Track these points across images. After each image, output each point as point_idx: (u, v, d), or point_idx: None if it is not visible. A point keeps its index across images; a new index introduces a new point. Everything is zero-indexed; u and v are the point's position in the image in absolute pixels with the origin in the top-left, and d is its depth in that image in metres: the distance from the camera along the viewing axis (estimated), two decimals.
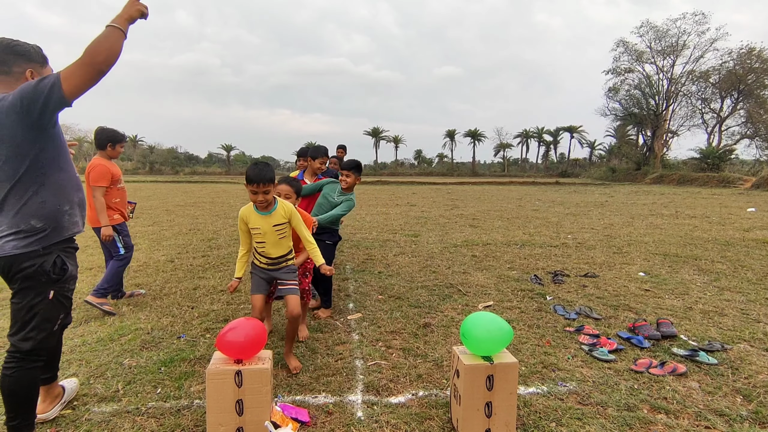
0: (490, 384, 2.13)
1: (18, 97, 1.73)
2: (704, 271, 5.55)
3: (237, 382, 2.08)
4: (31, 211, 1.87)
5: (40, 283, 1.92)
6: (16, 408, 1.95)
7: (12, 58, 1.91)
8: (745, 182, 26.35)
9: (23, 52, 1.93)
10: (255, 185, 2.67)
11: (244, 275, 3.03)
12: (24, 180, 1.85)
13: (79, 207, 2.08)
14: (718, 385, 2.69)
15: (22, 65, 1.93)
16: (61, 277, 1.97)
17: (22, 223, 1.85)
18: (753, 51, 36.34)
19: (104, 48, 1.72)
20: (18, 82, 1.89)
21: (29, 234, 1.87)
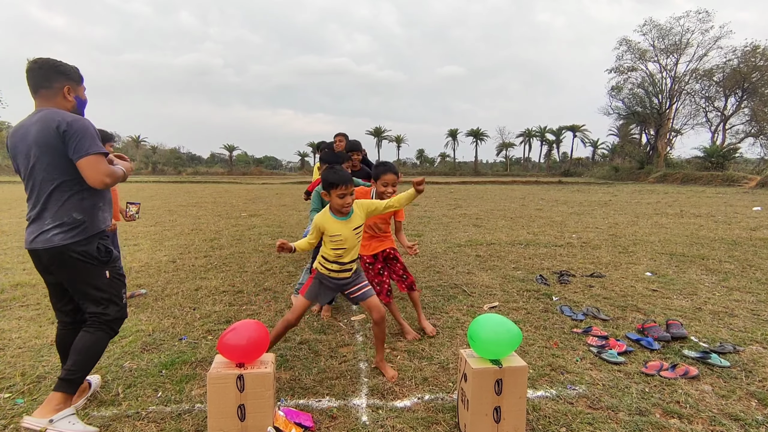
0: (498, 388, 2.07)
1: (70, 130, 2.08)
2: (712, 271, 5.47)
3: (239, 386, 2.03)
4: (72, 206, 2.16)
5: (94, 266, 2.22)
6: (84, 364, 2.21)
7: (55, 76, 2.19)
8: (749, 181, 26.19)
9: (64, 71, 2.22)
10: (343, 187, 2.55)
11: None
12: (67, 181, 2.15)
13: (108, 205, 2.38)
14: (731, 389, 2.62)
15: (62, 82, 2.21)
16: (110, 258, 2.28)
17: (65, 216, 2.14)
18: (757, 49, 36.12)
19: (118, 180, 2.23)
20: (57, 96, 2.20)
21: (73, 226, 2.15)
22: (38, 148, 2.09)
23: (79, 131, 2.07)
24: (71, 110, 2.23)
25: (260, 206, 14.02)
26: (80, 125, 2.09)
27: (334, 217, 2.65)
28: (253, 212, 12.19)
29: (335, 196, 2.58)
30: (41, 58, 2.19)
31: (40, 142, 2.08)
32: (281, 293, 4.54)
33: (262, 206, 14.02)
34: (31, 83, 2.17)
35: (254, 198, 17.58)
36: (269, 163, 77.20)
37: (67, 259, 2.14)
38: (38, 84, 2.16)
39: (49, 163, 2.10)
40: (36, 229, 2.15)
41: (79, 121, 2.11)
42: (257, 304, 4.19)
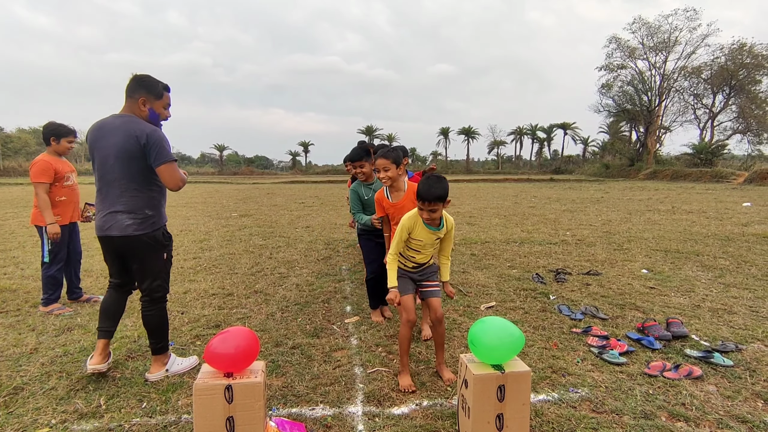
0: (501, 395, 1.98)
1: (151, 140, 2.50)
2: (707, 268, 5.44)
3: (227, 397, 1.91)
4: (143, 203, 2.59)
5: (157, 249, 2.68)
6: (162, 334, 2.77)
7: (137, 87, 2.60)
8: (738, 177, 26.47)
9: (145, 84, 2.61)
10: (426, 203, 2.50)
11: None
12: (139, 180, 2.57)
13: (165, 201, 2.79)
14: (737, 389, 2.56)
15: (142, 93, 2.60)
16: (170, 242, 2.79)
17: (138, 211, 2.57)
18: (744, 47, 36.53)
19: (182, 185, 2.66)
20: (135, 104, 2.60)
21: (144, 219, 2.59)
22: (118, 152, 2.50)
23: (158, 142, 2.50)
24: (144, 119, 2.61)
25: (251, 206, 13.84)
26: (157, 136, 2.51)
27: (424, 225, 2.63)
28: (243, 212, 12.01)
29: (419, 207, 2.55)
30: (139, 75, 2.65)
31: (120, 148, 2.49)
32: (272, 295, 4.42)
33: (253, 206, 13.83)
34: (126, 91, 2.63)
35: (245, 198, 17.37)
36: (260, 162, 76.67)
37: (137, 244, 2.59)
38: (127, 92, 2.61)
39: (127, 167, 2.52)
40: (110, 219, 2.56)
41: (157, 132, 2.53)
42: (248, 307, 4.06)
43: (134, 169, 2.52)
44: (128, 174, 2.52)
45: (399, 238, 2.66)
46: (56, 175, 3.85)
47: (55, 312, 3.85)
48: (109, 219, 2.56)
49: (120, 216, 2.54)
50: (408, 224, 2.65)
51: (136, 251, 2.62)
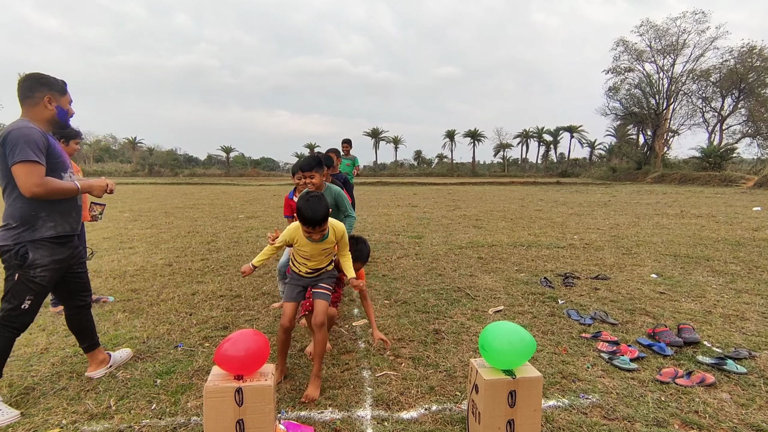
0: (512, 400, 1.96)
1: (7, 139, 2.24)
2: (718, 273, 5.38)
3: (237, 400, 1.91)
4: (10, 211, 2.36)
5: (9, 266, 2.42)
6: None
7: (37, 86, 2.38)
8: (747, 181, 26.19)
9: (46, 82, 2.41)
10: (309, 227, 2.48)
11: (261, 268, 2.82)
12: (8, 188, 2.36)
13: (60, 214, 2.46)
14: (750, 397, 2.52)
15: (44, 91, 2.39)
16: (23, 263, 2.37)
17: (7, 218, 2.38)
18: (754, 49, 36.22)
19: (58, 194, 2.37)
20: (36, 105, 2.39)
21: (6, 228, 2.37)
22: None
23: (13, 141, 2.21)
24: (50, 118, 2.43)
25: (258, 208, 13.88)
26: (16, 135, 2.22)
27: (307, 238, 2.61)
28: (250, 214, 12.05)
29: (303, 230, 2.54)
30: (29, 73, 2.43)
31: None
32: (280, 297, 4.42)
33: (260, 208, 13.88)
34: (19, 95, 2.39)
35: (251, 199, 17.44)
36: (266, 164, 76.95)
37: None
38: (23, 94, 2.38)
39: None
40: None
41: (16, 131, 2.23)
42: (255, 309, 4.07)
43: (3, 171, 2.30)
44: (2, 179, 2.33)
45: (281, 241, 2.73)
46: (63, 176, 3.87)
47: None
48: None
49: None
50: (288, 236, 2.67)
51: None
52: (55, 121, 2.46)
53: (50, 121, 2.43)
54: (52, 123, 2.46)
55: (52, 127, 2.49)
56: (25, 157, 2.20)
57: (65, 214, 2.47)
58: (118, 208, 13.09)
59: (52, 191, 2.30)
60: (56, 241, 2.43)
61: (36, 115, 2.38)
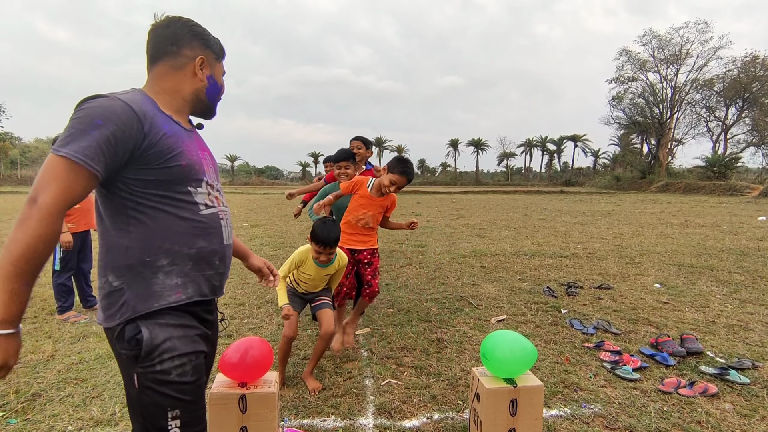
0: (513, 409, 1.97)
1: None
2: (722, 283, 5.36)
3: (241, 407, 1.93)
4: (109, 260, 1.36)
5: (127, 365, 1.32)
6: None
7: (188, 37, 1.38)
8: (752, 190, 26.10)
9: (201, 33, 1.42)
10: (321, 247, 2.61)
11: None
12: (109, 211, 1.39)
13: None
14: (753, 407, 2.51)
15: (197, 48, 1.39)
16: (152, 355, 1.28)
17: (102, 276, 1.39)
18: (757, 59, 36.31)
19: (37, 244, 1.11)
20: (182, 70, 1.36)
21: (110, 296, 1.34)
22: None
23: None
24: (196, 94, 1.40)
25: (262, 216, 13.95)
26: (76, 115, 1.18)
27: (314, 262, 2.74)
28: (254, 222, 12.12)
29: (314, 250, 2.65)
30: (173, 16, 1.41)
31: None
32: None
33: (264, 216, 13.95)
34: (149, 49, 1.37)
35: (255, 208, 17.53)
36: (271, 173, 77.42)
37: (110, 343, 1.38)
38: (159, 48, 1.35)
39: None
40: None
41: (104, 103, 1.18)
42: (259, 318, 4.09)
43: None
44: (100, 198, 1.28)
45: (287, 268, 2.77)
46: None
47: (71, 319, 3.92)
48: None
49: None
50: (298, 259, 2.76)
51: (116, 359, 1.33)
52: (201, 101, 1.42)
53: (194, 98, 1.40)
54: (195, 103, 1.42)
55: (192, 109, 1.44)
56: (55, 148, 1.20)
57: (202, 261, 1.36)
58: None
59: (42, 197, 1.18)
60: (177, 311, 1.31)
61: (173, 84, 1.36)
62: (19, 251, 1.05)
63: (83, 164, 1.11)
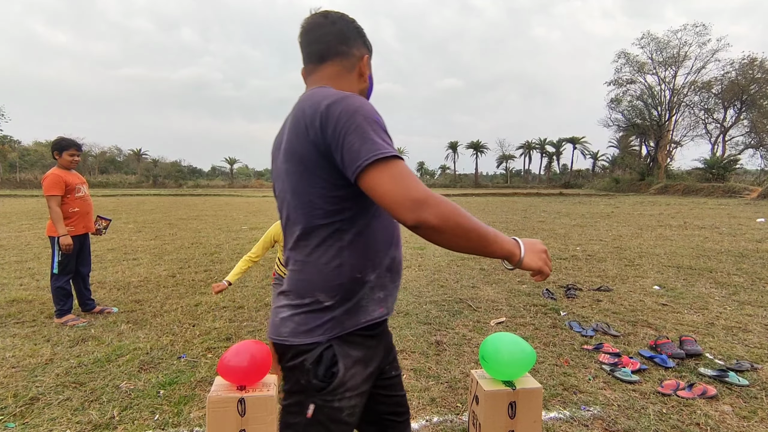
0: (512, 411, 1.97)
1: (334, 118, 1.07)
2: (721, 284, 5.37)
3: (240, 410, 1.93)
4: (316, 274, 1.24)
5: (304, 390, 1.21)
6: None
7: (355, 36, 1.27)
8: (751, 192, 26.14)
9: (364, 34, 1.31)
10: None
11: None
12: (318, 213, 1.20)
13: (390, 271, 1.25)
14: (752, 409, 2.52)
15: (361, 49, 1.28)
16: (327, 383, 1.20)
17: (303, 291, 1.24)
18: (755, 61, 36.43)
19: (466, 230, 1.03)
20: (352, 71, 1.26)
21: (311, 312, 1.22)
22: (285, 159, 1.16)
23: (349, 117, 1.04)
24: (363, 93, 1.31)
25: (261, 219, 13.95)
26: (352, 107, 1.06)
27: None
28: (253, 225, 12.12)
29: None
30: (333, 11, 1.28)
31: (287, 147, 1.15)
32: None
33: (263, 219, 13.95)
34: (314, 48, 1.25)
35: (255, 211, 17.53)
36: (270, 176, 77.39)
37: (289, 360, 1.20)
38: (329, 47, 1.24)
39: (296, 185, 1.15)
40: (274, 310, 1.25)
41: (350, 101, 1.07)
42: (258, 320, 4.09)
43: (315, 192, 1.12)
44: (300, 202, 1.15)
45: (261, 243, 2.70)
46: (67, 187, 3.97)
47: (70, 323, 3.91)
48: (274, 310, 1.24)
49: (281, 304, 1.20)
50: (275, 231, 2.69)
51: (287, 375, 1.20)
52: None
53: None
54: None
55: None
56: (382, 151, 1.00)
57: (394, 272, 1.26)
58: (123, 219, 13.18)
59: (458, 223, 1.00)
60: (371, 332, 1.22)
61: (347, 86, 1.25)
62: (471, 224, 1.01)
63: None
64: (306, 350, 1.13)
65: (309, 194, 1.11)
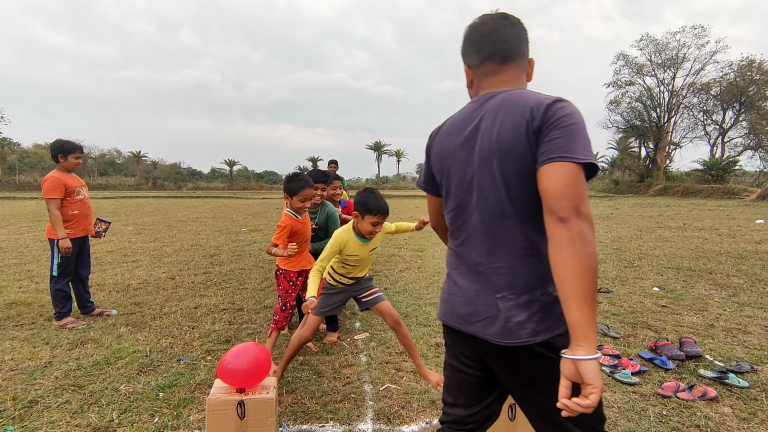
0: (512, 414, 1.97)
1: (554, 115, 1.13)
2: (721, 286, 5.37)
3: (239, 413, 1.93)
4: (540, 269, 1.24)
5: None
6: None
7: (526, 38, 1.31)
8: (750, 193, 26.17)
9: (527, 35, 1.33)
10: (380, 217, 2.53)
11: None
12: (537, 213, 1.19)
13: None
14: (752, 411, 2.51)
15: (528, 52, 1.32)
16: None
17: (535, 287, 1.23)
18: (753, 63, 36.45)
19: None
20: (525, 74, 1.33)
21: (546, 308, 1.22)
22: (495, 154, 1.18)
23: (576, 119, 1.12)
24: None
25: (261, 221, 13.95)
26: (577, 112, 1.13)
27: (357, 238, 2.65)
28: (253, 227, 12.12)
29: (368, 222, 2.54)
30: (508, 13, 1.30)
31: (499, 145, 1.17)
32: None
33: (263, 221, 13.94)
34: (498, 48, 1.28)
35: (254, 213, 17.52)
36: (269, 177, 77.42)
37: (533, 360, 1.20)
38: (512, 48, 1.28)
39: (520, 183, 1.17)
40: (485, 305, 1.23)
41: (573, 107, 1.14)
42: (258, 323, 4.09)
43: (533, 188, 1.14)
44: (521, 200, 1.18)
45: (329, 253, 2.62)
46: (67, 190, 3.96)
47: (69, 326, 3.91)
48: (485, 305, 1.23)
49: (501, 300, 1.20)
50: (341, 240, 2.63)
51: (533, 372, 1.22)
52: None
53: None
54: None
55: None
56: (580, 156, 1.07)
57: None
58: (122, 221, 13.18)
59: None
60: None
61: (522, 87, 1.31)
62: (593, 264, 1.01)
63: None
64: (543, 343, 1.16)
65: (530, 189, 1.14)
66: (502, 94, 1.23)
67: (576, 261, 1.01)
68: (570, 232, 1.01)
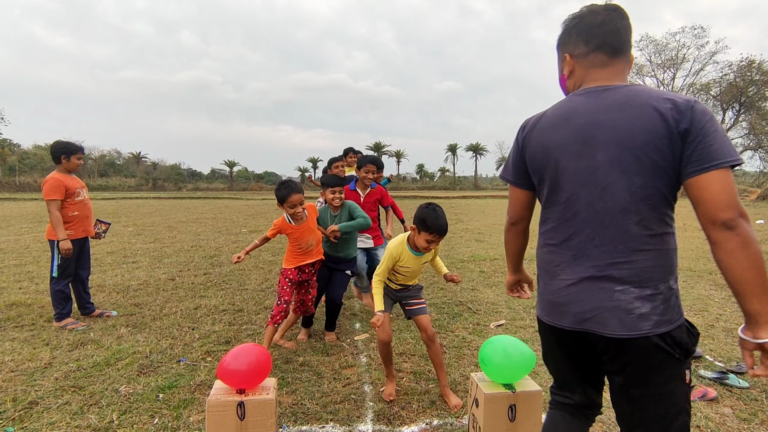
0: (512, 414, 1.97)
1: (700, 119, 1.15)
2: (721, 286, 5.37)
3: (239, 414, 1.93)
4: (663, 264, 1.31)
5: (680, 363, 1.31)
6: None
7: (631, 32, 1.34)
8: (750, 194, 26.18)
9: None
10: (437, 236, 2.50)
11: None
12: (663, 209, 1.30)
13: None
14: (753, 411, 2.51)
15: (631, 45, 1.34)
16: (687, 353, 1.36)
17: (657, 281, 1.28)
18: (753, 63, 36.48)
19: None
20: (627, 70, 1.34)
21: (668, 300, 1.28)
22: (635, 147, 1.18)
23: (711, 118, 1.15)
24: None
25: (260, 222, 13.95)
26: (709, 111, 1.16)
27: (410, 251, 2.65)
28: (253, 228, 12.12)
29: (423, 239, 2.50)
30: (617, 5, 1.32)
31: (631, 140, 1.18)
32: None
33: (263, 222, 13.95)
34: (611, 39, 1.29)
35: (254, 214, 17.53)
36: (269, 178, 77.47)
37: (652, 352, 1.23)
38: (624, 41, 1.30)
39: (648, 177, 1.20)
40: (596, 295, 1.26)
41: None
42: (258, 324, 4.09)
43: (660, 184, 1.21)
44: (647, 194, 1.22)
45: (386, 266, 2.66)
46: (67, 191, 3.96)
47: (69, 327, 3.91)
48: (601, 299, 1.26)
49: (622, 292, 1.23)
50: (395, 252, 2.65)
51: (646, 365, 1.25)
52: None
53: None
54: None
55: None
56: (734, 158, 1.12)
57: None
58: (122, 222, 13.18)
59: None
60: None
61: (626, 81, 1.33)
62: (763, 259, 1.11)
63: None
64: (664, 335, 1.23)
65: (654, 185, 1.20)
66: (622, 89, 1.24)
67: (752, 262, 1.09)
68: (739, 237, 1.09)
